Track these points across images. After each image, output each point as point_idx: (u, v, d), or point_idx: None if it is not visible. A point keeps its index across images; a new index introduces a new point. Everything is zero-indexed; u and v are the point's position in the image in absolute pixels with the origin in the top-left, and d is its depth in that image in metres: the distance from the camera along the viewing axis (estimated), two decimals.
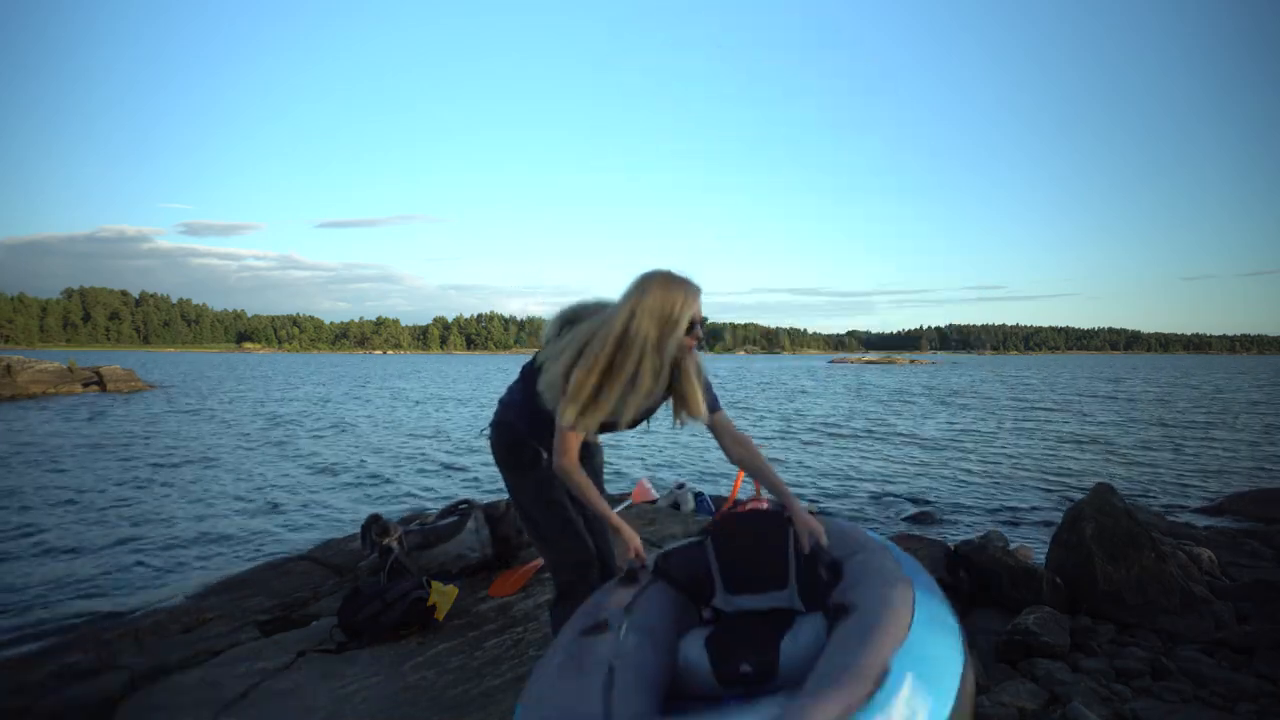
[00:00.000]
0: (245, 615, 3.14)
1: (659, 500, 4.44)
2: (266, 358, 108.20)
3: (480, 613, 2.91)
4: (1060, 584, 3.45)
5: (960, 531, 6.19)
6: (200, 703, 2.29)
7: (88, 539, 5.96)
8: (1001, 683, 2.61)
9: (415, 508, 7.06)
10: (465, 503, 3.56)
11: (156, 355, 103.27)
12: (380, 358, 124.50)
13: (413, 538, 3.31)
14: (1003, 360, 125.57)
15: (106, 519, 6.68)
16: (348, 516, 7.02)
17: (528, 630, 2.67)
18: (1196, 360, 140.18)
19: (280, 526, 6.65)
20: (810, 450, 12.41)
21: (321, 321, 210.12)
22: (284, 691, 2.33)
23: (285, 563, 3.87)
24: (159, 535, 6.14)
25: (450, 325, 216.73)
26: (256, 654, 2.65)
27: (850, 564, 1.69)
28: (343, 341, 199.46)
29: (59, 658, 2.71)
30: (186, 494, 7.96)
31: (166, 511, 7.03)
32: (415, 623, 2.74)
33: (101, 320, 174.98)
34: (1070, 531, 3.62)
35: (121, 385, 24.08)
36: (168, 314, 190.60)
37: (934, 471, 9.68)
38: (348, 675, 2.41)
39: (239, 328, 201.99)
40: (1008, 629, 3.04)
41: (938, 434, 14.42)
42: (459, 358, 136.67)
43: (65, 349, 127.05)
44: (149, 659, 2.68)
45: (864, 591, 1.50)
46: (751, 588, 1.89)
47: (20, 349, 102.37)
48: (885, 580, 1.53)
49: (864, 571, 1.61)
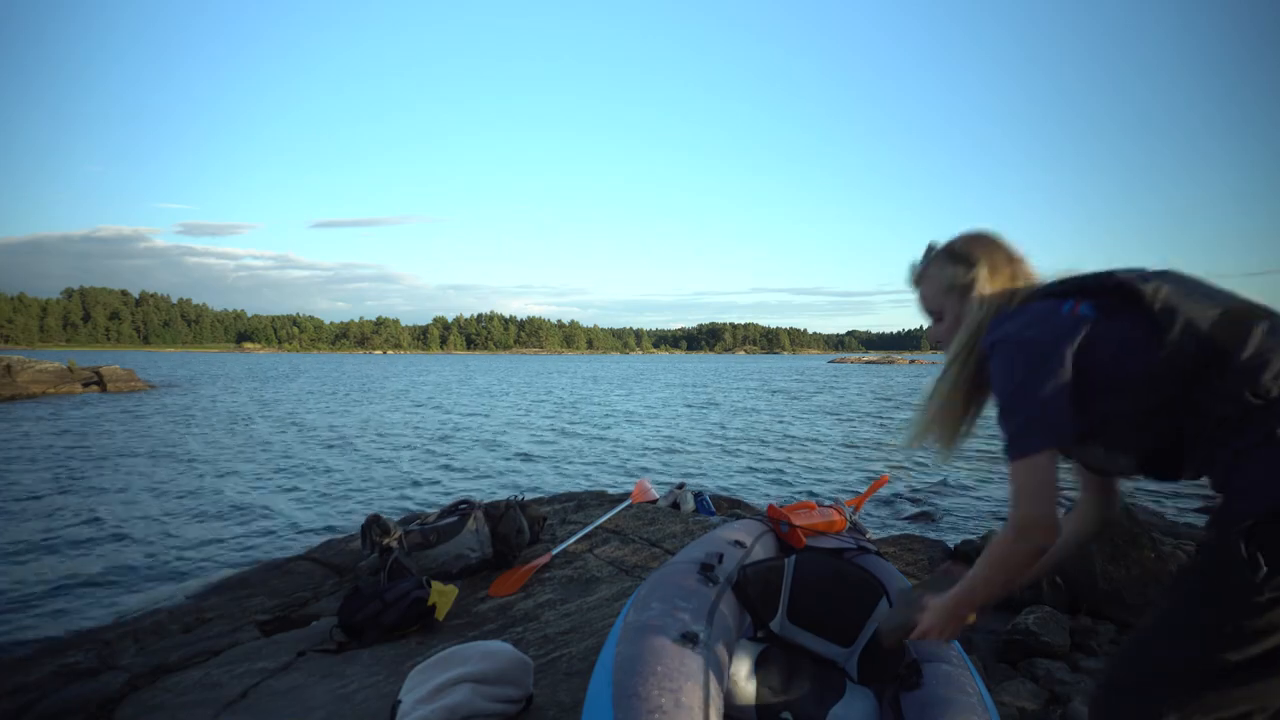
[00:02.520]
0: (245, 615, 3.14)
1: (659, 500, 4.44)
2: (268, 358, 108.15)
3: (480, 613, 2.91)
4: (1060, 584, 3.45)
5: (960, 531, 6.19)
6: (200, 703, 2.29)
7: (88, 539, 5.96)
8: (1001, 683, 2.61)
9: (415, 508, 7.06)
10: (465, 503, 3.56)
11: (157, 355, 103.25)
12: (381, 358, 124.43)
13: (413, 538, 3.30)
14: None
15: (106, 519, 6.68)
16: (348, 516, 7.02)
17: (528, 630, 2.67)
18: None
19: (280, 526, 6.65)
20: (810, 450, 12.41)
21: (321, 321, 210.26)
22: (284, 691, 2.33)
23: (285, 563, 3.87)
24: (159, 535, 6.14)
25: (450, 325, 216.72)
26: (256, 654, 2.65)
27: (930, 672, 1.58)
28: (343, 341, 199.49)
29: (59, 658, 2.70)
30: (186, 494, 7.96)
31: (166, 511, 7.03)
32: (415, 623, 2.74)
33: (101, 320, 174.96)
34: None
35: (121, 385, 24.08)
36: (168, 314, 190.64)
37: (934, 471, 9.67)
38: (348, 675, 2.41)
39: (239, 328, 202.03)
40: (1008, 629, 3.04)
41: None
42: (467, 358, 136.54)
43: (65, 349, 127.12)
44: (149, 659, 2.68)
45: (938, 715, 1.45)
46: (814, 628, 1.81)
47: (20, 349, 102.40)
48: (964, 710, 1.45)
49: (943, 689, 1.52)
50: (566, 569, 3.21)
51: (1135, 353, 1.08)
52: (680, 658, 1.35)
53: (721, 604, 1.64)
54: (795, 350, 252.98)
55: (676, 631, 1.44)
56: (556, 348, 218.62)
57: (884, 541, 4.22)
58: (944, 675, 1.57)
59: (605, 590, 2.92)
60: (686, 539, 3.43)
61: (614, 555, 3.31)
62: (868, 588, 1.83)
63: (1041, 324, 1.13)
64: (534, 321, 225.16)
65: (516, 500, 3.61)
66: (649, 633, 1.44)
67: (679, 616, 1.51)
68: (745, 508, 5.04)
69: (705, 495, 4.59)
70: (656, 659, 1.34)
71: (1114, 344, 1.10)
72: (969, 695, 1.51)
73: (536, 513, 3.71)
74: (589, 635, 2.48)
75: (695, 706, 1.24)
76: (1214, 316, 1.05)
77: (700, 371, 60.09)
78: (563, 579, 3.10)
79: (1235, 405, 1.01)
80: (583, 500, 4.88)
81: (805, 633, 1.82)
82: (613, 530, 3.67)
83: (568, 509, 4.51)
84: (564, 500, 4.99)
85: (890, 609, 1.58)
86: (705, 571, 1.74)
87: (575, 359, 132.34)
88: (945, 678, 1.56)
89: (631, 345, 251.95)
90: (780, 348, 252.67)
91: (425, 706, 1.80)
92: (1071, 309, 1.13)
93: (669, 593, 1.62)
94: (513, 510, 3.49)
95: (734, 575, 1.81)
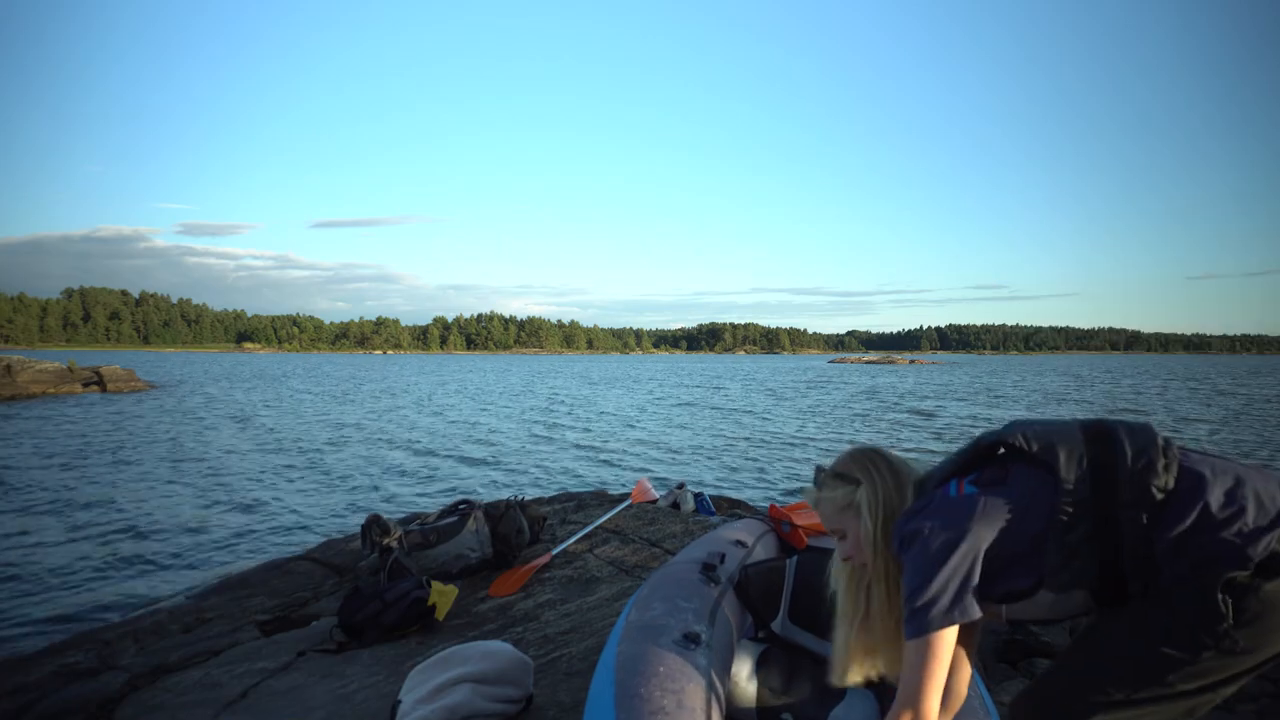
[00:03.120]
0: (245, 615, 3.14)
1: (659, 500, 4.44)
2: (268, 358, 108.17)
3: (480, 613, 2.91)
4: None
5: None
6: (200, 703, 2.29)
7: (88, 539, 5.96)
8: (1001, 683, 2.61)
9: (415, 508, 7.06)
10: (465, 503, 3.56)
11: (157, 355, 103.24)
12: (381, 358, 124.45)
13: (413, 538, 3.30)
14: (1005, 360, 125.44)
15: (106, 519, 6.68)
16: (348, 516, 7.02)
17: (527, 630, 2.67)
18: (1196, 360, 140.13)
19: (280, 526, 6.65)
20: (810, 451, 12.41)
21: (321, 321, 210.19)
22: (284, 691, 2.33)
23: (285, 563, 3.87)
24: (159, 535, 6.14)
25: (450, 325, 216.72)
26: (256, 654, 2.65)
27: None
28: (343, 341, 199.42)
29: (59, 658, 2.70)
30: (187, 494, 7.96)
31: (166, 511, 7.03)
32: (415, 622, 2.74)
33: (101, 320, 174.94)
34: None
35: (121, 385, 24.08)
36: (168, 314, 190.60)
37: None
38: (348, 675, 2.41)
39: (239, 328, 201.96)
40: (1008, 629, 3.04)
41: (938, 433, 14.41)
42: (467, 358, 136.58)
43: (65, 349, 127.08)
44: (149, 659, 2.68)
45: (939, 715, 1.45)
46: (815, 628, 1.80)
47: (20, 349, 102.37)
48: (964, 710, 1.44)
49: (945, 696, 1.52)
50: (566, 569, 3.20)
51: (1038, 499, 1.15)
52: (682, 658, 1.35)
53: (723, 604, 1.64)
54: (795, 350, 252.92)
55: (679, 632, 1.44)
56: (556, 348, 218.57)
57: None
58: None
59: (605, 590, 2.92)
60: (686, 539, 3.43)
61: (614, 555, 3.31)
62: None
63: (937, 513, 1.18)
64: (534, 321, 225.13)
65: (516, 500, 3.61)
66: (651, 633, 1.44)
67: (681, 617, 1.51)
68: (745, 508, 5.04)
69: (705, 495, 4.59)
70: (659, 659, 1.35)
71: (1014, 503, 1.16)
72: (970, 697, 1.51)
73: (536, 513, 3.71)
74: (589, 635, 2.48)
75: (697, 707, 1.24)
76: (1082, 440, 1.15)
77: (700, 372, 60.08)
78: (563, 579, 3.10)
79: (1150, 503, 1.10)
80: (583, 500, 4.88)
81: (806, 633, 1.81)
82: (613, 530, 3.67)
83: (568, 509, 4.51)
84: (564, 500, 4.98)
85: None
86: (707, 571, 1.74)
87: (575, 359, 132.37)
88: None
89: (631, 345, 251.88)
90: (780, 348, 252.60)
91: (425, 706, 1.80)
92: (957, 489, 1.20)
93: (671, 593, 1.62)
94: (513, 510, 3.49)
95: (735, 575, 1.81)
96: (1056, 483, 1.13)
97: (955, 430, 15.03)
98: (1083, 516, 1.12)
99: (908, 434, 14.52)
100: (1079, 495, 1.12)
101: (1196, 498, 1.09)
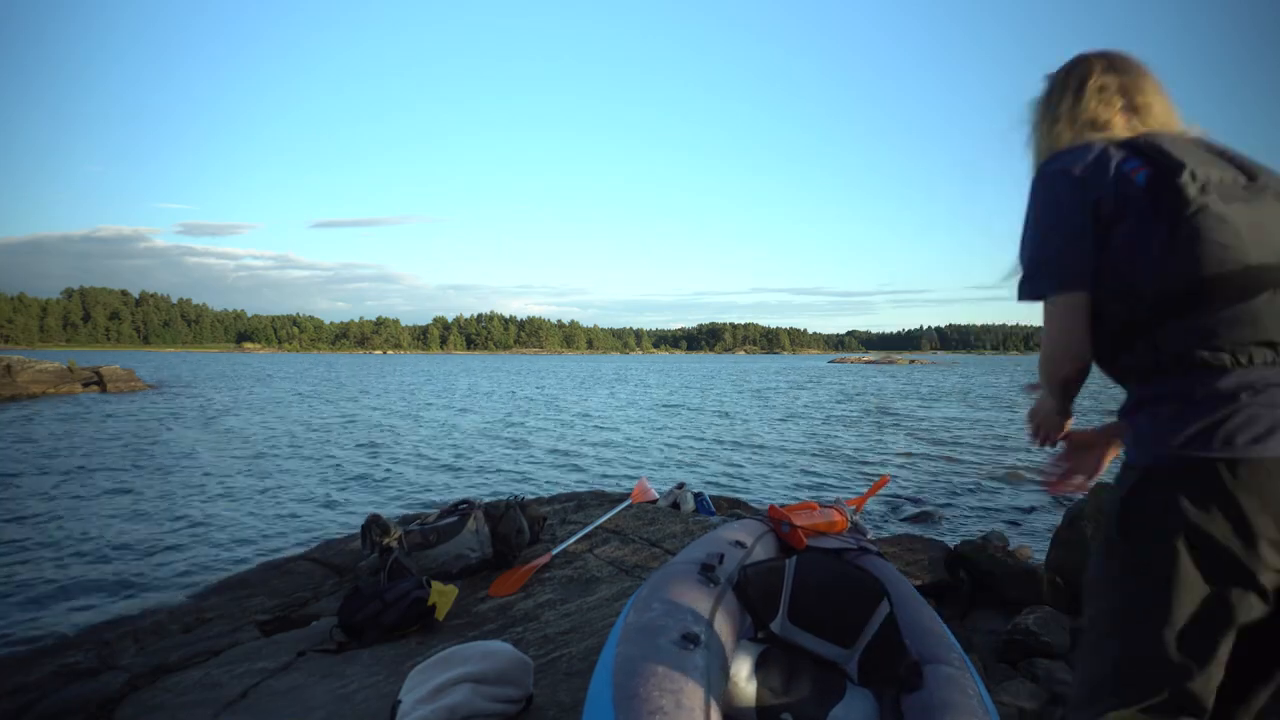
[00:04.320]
0: (245, 615, 3.14)
1: (659, 500, 4.44)
2: (268, 358, 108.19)
3: (480, 613, 2.91)
4: (1060, 583, 3.45)
5: (960, 531, 6.19)
6: (200, 703, 2.29)
7: (87, 538, 5.96)
8: (1001, 683, 2.61)
9: (415, 508, 7.07)
10: (465, 503, 3.56)
11: (157, 355, 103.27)
12: (381, 358, 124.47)
13: (413, 538, 3.30)
14: (1005, 360, 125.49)
15: (106, 519, 6.69)
16: (348, 516, 7.02)
17: (528, 630, 2.67)
18: None
19: (280, 526, 6.65)
20: (810, 450, 12.41)
21: (321, 321, 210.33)
22: (284, 691, 2.33)
23: (285, 563, 3.87)
24: (159, 535, 6.14)
25: (450, 325, 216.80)
26: (256, 654, 2.65)
27: (930, 673, 1.59)
28: (343, 341, 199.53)
29: (59, 658, 2.70)
30: (187, 494, 7.96)
31: (167, 511, 7.03)
32: (415, 623, 2.74)
33: (101, 320, 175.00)
34: (1070, 531, 3.63)
35: (121, 385, 24.09)
36: (168, 314, 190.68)
37: (934, 471, 9.68)
38: (348, 675, 2.41)
39: (239, 328, 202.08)
40: (1008, 629, 3.04)
41: (936, 433, 14.41)
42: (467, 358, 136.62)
43: (65, 349, 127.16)
44: (149, 659, 2.68)
45: (939, 716, 1.45)
46: (815, 628, 1.80)
47: (20, 349, 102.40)
48: (964, 711, 1.46)
49: (944, 690, 1.53)
50: (566, 569, 3.20)
51: (1148, 245, 0.99)
52: (681, 659, 1.36)
53: (722, 605, 1.64)
54: (795, 350, 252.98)
55: (677, 632, 1.44)
56: (556, 348, 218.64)
57: (885, 542, 4.21)
58: (944, 676, 1.57)
59: (605, 590, 2.92)
60: (686, 539, 3.43)
61: (614, 555, 3.31)
62: (868, 589, 1.82)
63: (1083, 165, 1.03)
64: (534, 321, 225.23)
65: (516, 500, 3.61)
66: (650, 633, 1.44)
67: (680, 617, 1.51)
68: (745, 508, 5.04)
69: (705, 495, 4.59)
70: (657, 660, 1.35)
71: (1133, 227, 1.00)
72: (969, 696, 1.52)
73: (536, 513, 3.71)
74: (589, 635, 2.48)
75: (696, 708, 1.24)
76: (1238, 265, 0.95)
77: (700, 372, 60.08)
78: (563, 579, 3.10)
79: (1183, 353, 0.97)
80: (583, 500, 4.88)
81: (806, 634, 1.81)
82: (613, 530, 3.67)
83: (568, 509, 4.51)
84: (564, 500, 4.98)
85: None
86: (706, 572, 1.74)
87: (575, 359, 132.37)
88: (946, 679, 1.56)
89: (631, 345, 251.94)
90: (780, 348, 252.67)
91: (425, 706, 1.80)
92: (1133, 168, 1.01)
93: (670, 593, 1.62)
94: (513, 510, 3.49)
95: (735, 576, 1.81)
96: (1177, 252, 0.97)
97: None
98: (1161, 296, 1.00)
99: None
100: (1174, 282, 0.98)
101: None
